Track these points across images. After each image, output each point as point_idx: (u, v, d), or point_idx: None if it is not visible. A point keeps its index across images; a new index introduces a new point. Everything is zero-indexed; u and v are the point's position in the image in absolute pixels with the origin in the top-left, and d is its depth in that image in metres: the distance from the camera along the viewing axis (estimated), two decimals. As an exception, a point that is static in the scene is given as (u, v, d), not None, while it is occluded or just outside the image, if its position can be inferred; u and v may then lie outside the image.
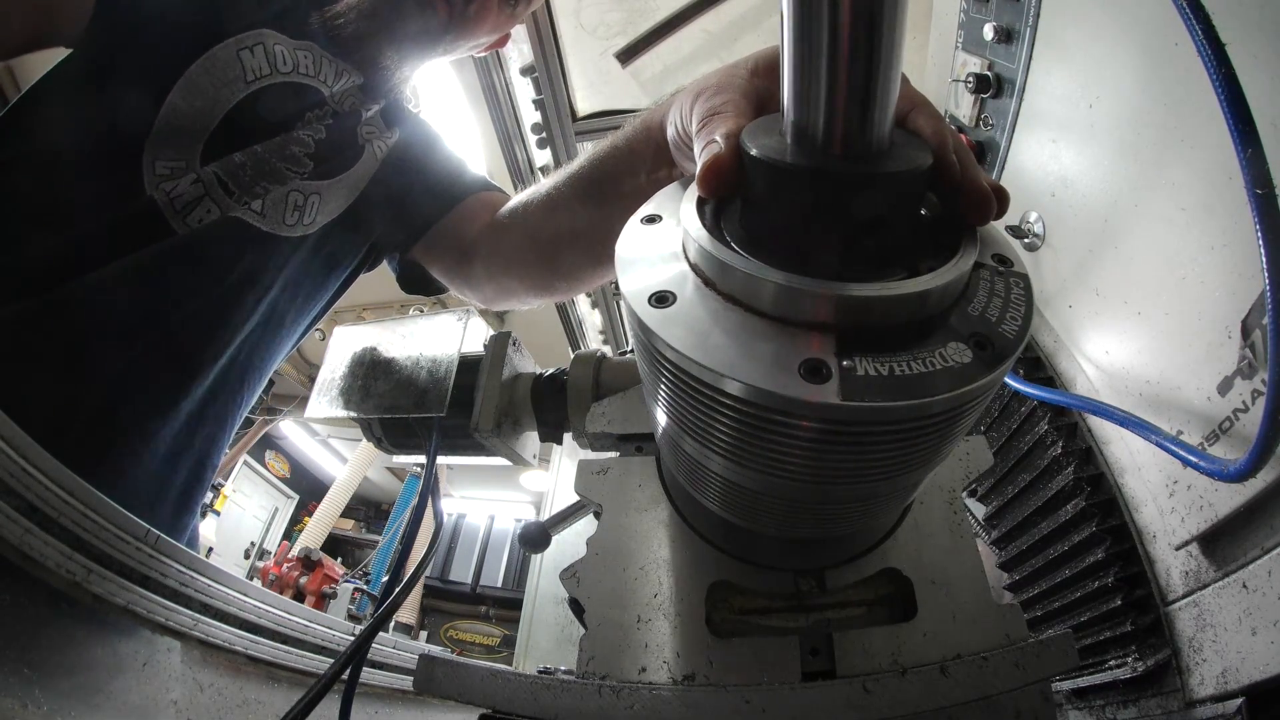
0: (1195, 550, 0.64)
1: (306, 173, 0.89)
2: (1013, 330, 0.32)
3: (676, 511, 0.52)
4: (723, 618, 0.48)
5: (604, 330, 2.46)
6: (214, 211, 0.81)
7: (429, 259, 1.03)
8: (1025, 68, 0.84)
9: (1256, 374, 0.54)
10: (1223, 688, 0.59)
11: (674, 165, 0.59)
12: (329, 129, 0.92)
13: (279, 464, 6.41)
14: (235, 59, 0.84)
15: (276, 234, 0.86)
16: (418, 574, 0.74)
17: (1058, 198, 0.83)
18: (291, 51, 0.89)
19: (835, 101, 0.31)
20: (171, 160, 0.80)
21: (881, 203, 0.33)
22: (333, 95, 0.94)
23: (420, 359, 0.79)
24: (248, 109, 0.84)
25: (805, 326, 0.31)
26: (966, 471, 0.53)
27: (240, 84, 0.84)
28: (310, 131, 0.90)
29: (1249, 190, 0.45)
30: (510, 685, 0.44)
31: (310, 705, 0.51)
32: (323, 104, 0.93)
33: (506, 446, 0.74)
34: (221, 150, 0.82)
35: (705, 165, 0.36)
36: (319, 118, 0.92)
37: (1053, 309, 0.86)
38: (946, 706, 0.41)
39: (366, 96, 0.98)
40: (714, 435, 0.34)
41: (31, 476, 0.45)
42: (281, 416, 5.18)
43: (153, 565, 0.54)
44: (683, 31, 1.49)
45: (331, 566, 4.89)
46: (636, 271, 0.36)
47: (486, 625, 6.13)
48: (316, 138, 0.90)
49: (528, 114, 1.78)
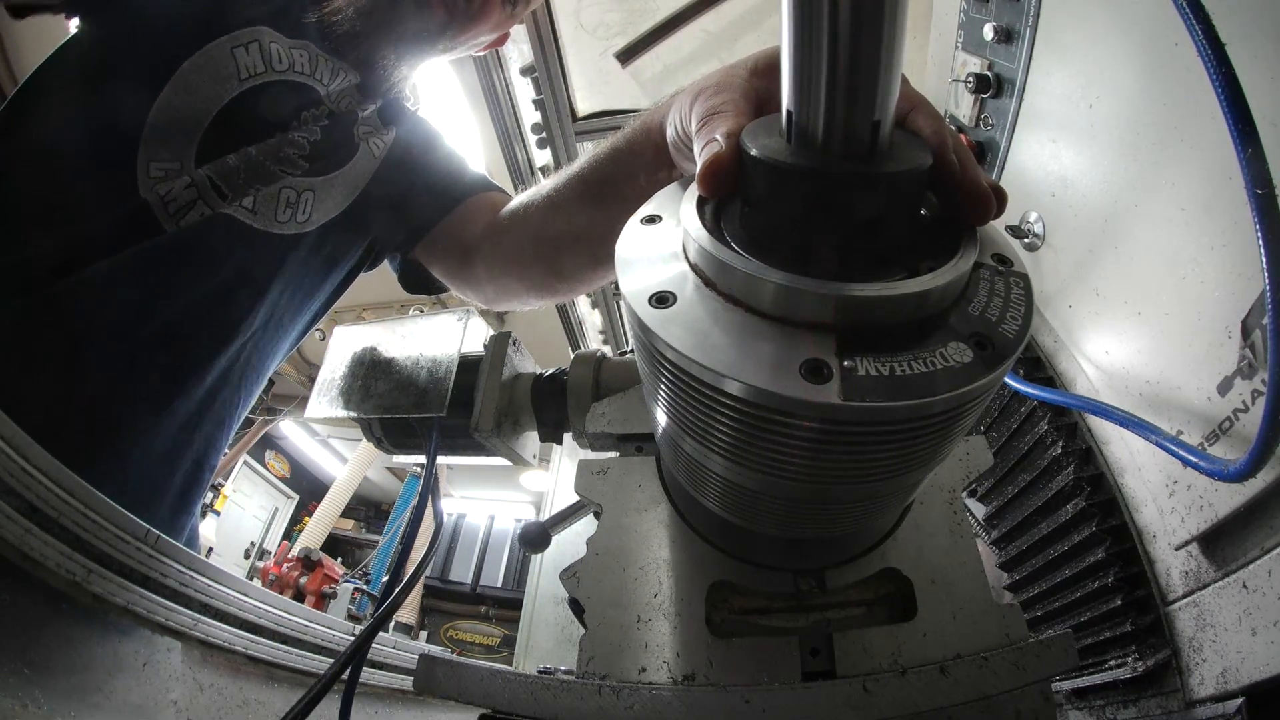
0: (1195, 550, 0.64)
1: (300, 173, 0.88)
2: (1013, 330, 0.32)
3: (676, 511, 0.52)
4: (723, 618, 0.48)
5: (604, 330, 2.46)
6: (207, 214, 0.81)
7: (430, 259, 1.03)
8: (1025, 68, 0.84)
9: (1256, 374, 0.54)
10: (1223, 688, 0.59)
11: (673, 166, 0.59)
12: (324, 130, 0.91)
13: (279, 464, 6.41)
14: (229, 56, 0.83)
15: (269, 231, 0.86)
16: (418, 574, 0.73)
17: (1058, 198, 0.83)
18: (287, 50, 0.88)
19: (835, 101, 0.31)
20: (165, 161, 0.79)
21: (882, 203, 0.33)
22: (329, 95, 0.93)
23: (420, 359, 0.79)
24: (241, 107, 0.84)
25: (806, 327, 0.31)
26: (966, 471, 0.53)
27: (234, 81, 0.83)
28: (305, 133, 0.89)
29: (1249, 190, 0.45)
30: (510, 685, 0.44)
31: (310, 705, 0.51)
32: (318, 103, 0.92)
33: (506, 446, 0.74)
34: (215, 149, 0.82)
35: (705, 164, 0.36)
36: (314, 118, 0.91)
37: (1053, 309, 0.86)
38: (946, 706, 0.41)
39: (363, 96, 0.97)
40: (714, 435, 0.34)
41: (31, 476, 0.45)
42: (281, 416, 5.18)
43: (153, 565, 0.54)
44: (683, 31, 1.49)
45: (331, 566, 4.89)
46: (636, 271, 0.36)
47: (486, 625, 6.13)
48: (311, 139, 0.90)
49: (528, 114, 1.78)
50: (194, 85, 0.81)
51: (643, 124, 0.67)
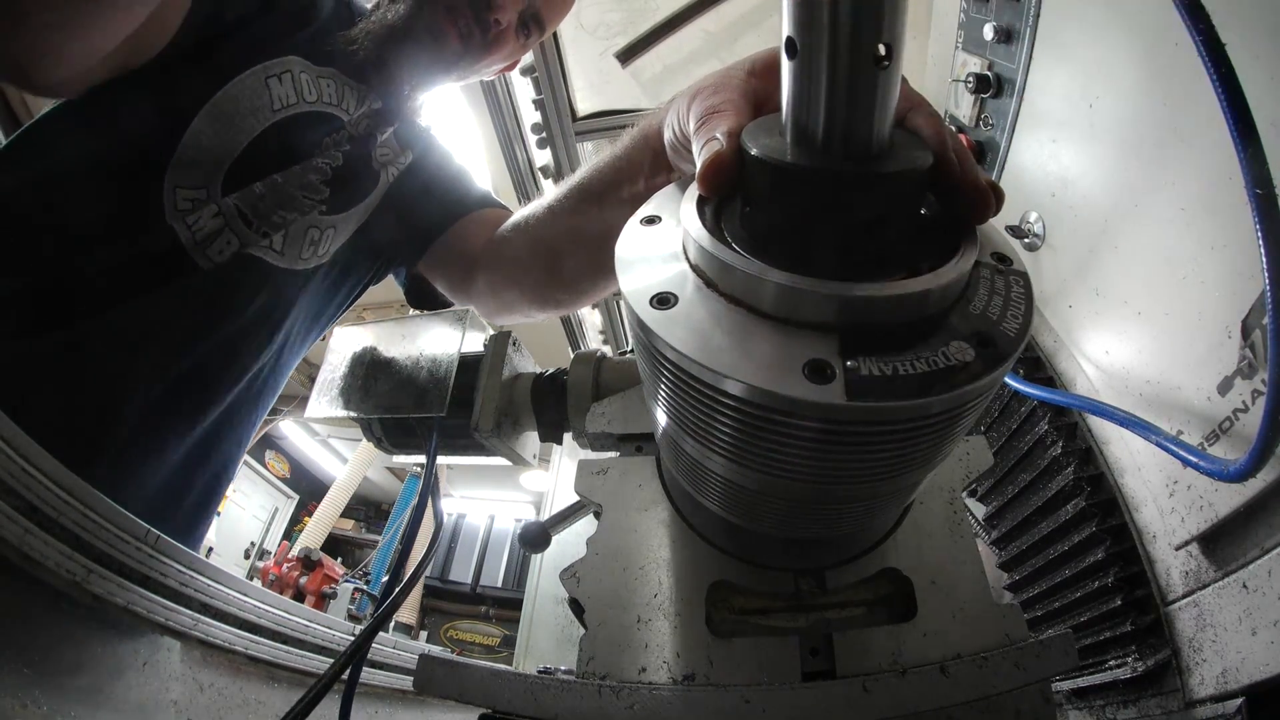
0: (1195, 550, 0.64)
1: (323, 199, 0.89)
2: (1014, 328, 0.32)
3: (676, 511, 0.52)
4: (723, 618, 0.48)
5: (604, 330, 2.46)
6: (233, 243, 0.82)
7: (433, 272, 1.05)
8: (1025, 68, 0.84)
9: (1256, 374, 0.54)
10: (1223, 688, 0.59)
11: (671, 170, 0.59)
12: (345, 155, 0.92)
13: (279, 464, 6.40)
14: (264, 86, 0.83)
15: (293, 269, 0.88)
16: (418, 574, 0.73)
17: (1058, 198, 0.83)
18: (315, 80, 0.89)
19: (835, 102, 0.31)
20: (193, 189, 0.79)
21: (882, 202, 0.33)
22: (351, 121, 0.94)
23: (420, 359, 0.79)
24: (272, 138, 0.84)
25: (808, 327, 0.31)
26: (966, 471, 0.53)
27: (267, 112, 0.83)
28: (328, 159, 0.90)
29: (1249, 190, 0.45)
30: (510, 685, 0.44)
31: (310, 705, 0.51)
32: (341, 129, 0.93)
33: (506, 446, 0.74)
34: (242, 178, 0.82)
35: (706, 163, 0.36)
36: (336, 144, 0.92)
37: (1053, 309, 0.86)
38: (946, 706, 0.41)
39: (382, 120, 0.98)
40: (716, 436, 0.34)
41: (31, 476, 0.45)
42: (281, 416, 5.18)
43: (153, 565, 0.54)
44: (683, 31, 1.49)
45: (331, 566, 4.88)
46: (637, 272, 0.36)
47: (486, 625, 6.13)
48: (334, 165, 0.91)
49: (528, 114, 1.78)
50: (227, 115, 0.80)
51: (640, 130, 0.67)
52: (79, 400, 0.72)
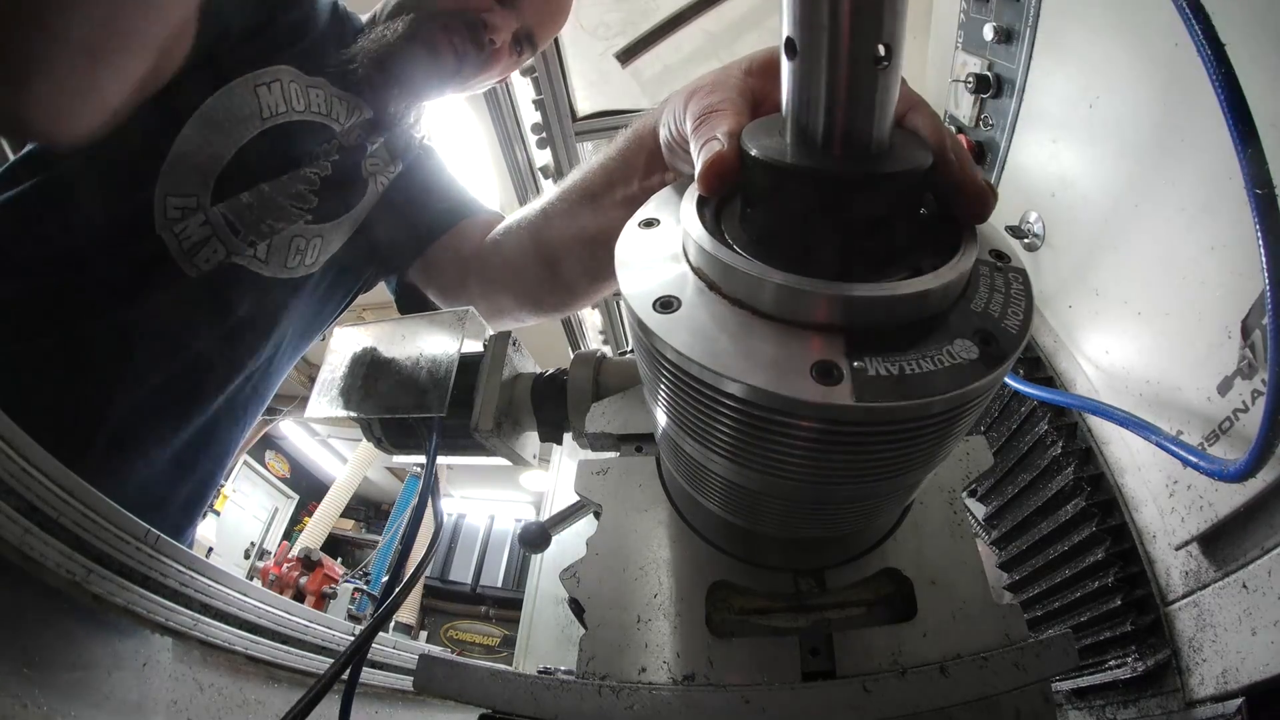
0: (1195, 550, 0.64)
1: (310, 209, 0.90)
2: (1015, 324, 0.32)
3: (676, 512, 0.52)
4: (723, 618, 0.48)
5: (604, 330, 2.46)
6: (220, 251, 0.82)
7: (426, 278, 1.05)
8: (1025, 68, 0.84)
9: (1256, 374, 0.54)
10: (1223, 688, 0.59)
11: (666, 170, 0.59)
12: (335, 164, 0.92)
13: (279, 464, 6.41)
14: (252, 94, 0.83)
15: (278, 277, 0.88)
16: (418, 574, 0.73)
17: (1058, 198, 0.83)
18: (304, 89, 0.89)
19: (835, 102, 0.31)
20: (183, 198, 0.80)
21: (883, 202, 0.33)
22: (342, 131, 0.94)
23: (420, 359, 0.79)
24: (261, 146, 0.84)
25: (812, 328, 0.31)
26: (966, 471, 0.53)
27: (256, 120, 0.83)
28: (316, 168, 0.90)
29: (1249, 190, 0.45)
30: (510, 685, 0.44)
31: (310, 705, 0.51)
32: (331, 139, 0.93)
33: (506, 446, 0.74)
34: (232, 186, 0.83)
35: (706, 163, 0.36)
36: (325, 153, 0.92)
37: (1053, 309, 0.86)
38: (946, 706, 0.41)
39: (372, 130, 0.99)
40: (718, 437, 0.34)
41: (31, 476, 0.45)
42: (281, 416, 5.17)
43: (153, 565, 0.54)
44: (683, 31, 1.49)
45: (331, 566, 4.88)
46: (638, 275, 0.36)
47: (486, 625, 6.13)
48: (323, 174, 0.91)
49: (528, 114, 1.78)
50: (217, 123, 0.81)
51: (634, 130, 0.67)
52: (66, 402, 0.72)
